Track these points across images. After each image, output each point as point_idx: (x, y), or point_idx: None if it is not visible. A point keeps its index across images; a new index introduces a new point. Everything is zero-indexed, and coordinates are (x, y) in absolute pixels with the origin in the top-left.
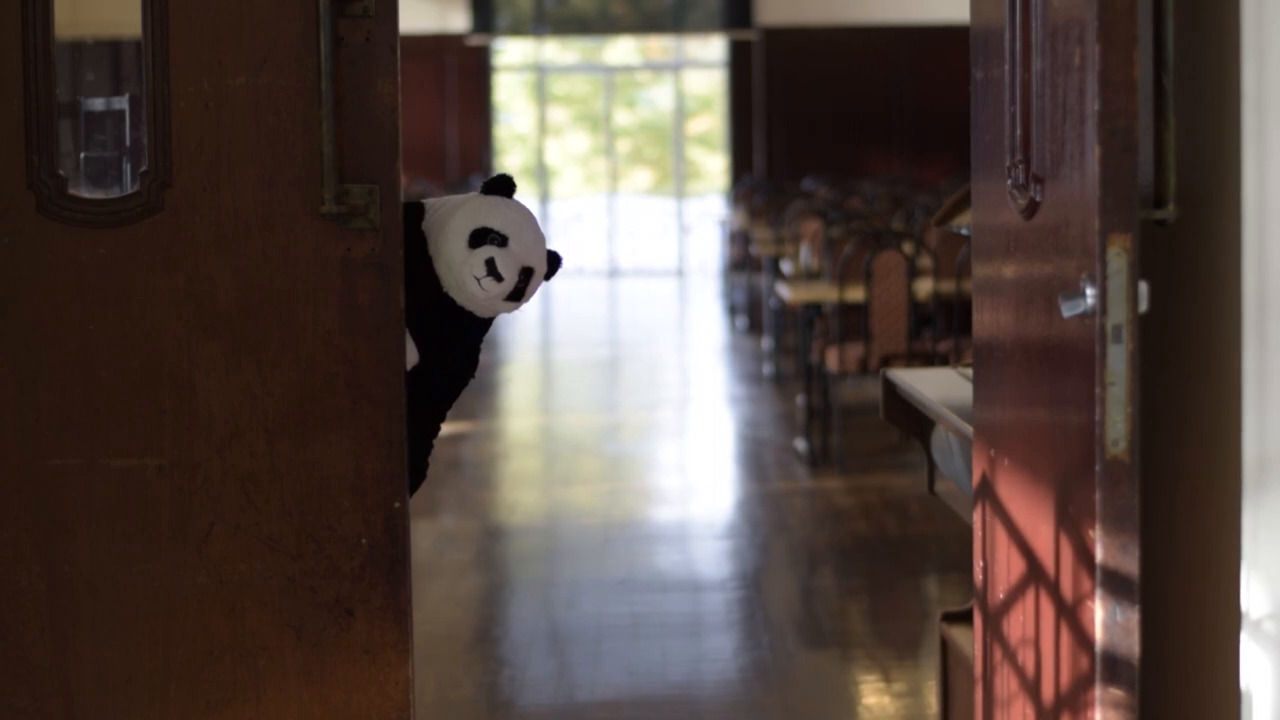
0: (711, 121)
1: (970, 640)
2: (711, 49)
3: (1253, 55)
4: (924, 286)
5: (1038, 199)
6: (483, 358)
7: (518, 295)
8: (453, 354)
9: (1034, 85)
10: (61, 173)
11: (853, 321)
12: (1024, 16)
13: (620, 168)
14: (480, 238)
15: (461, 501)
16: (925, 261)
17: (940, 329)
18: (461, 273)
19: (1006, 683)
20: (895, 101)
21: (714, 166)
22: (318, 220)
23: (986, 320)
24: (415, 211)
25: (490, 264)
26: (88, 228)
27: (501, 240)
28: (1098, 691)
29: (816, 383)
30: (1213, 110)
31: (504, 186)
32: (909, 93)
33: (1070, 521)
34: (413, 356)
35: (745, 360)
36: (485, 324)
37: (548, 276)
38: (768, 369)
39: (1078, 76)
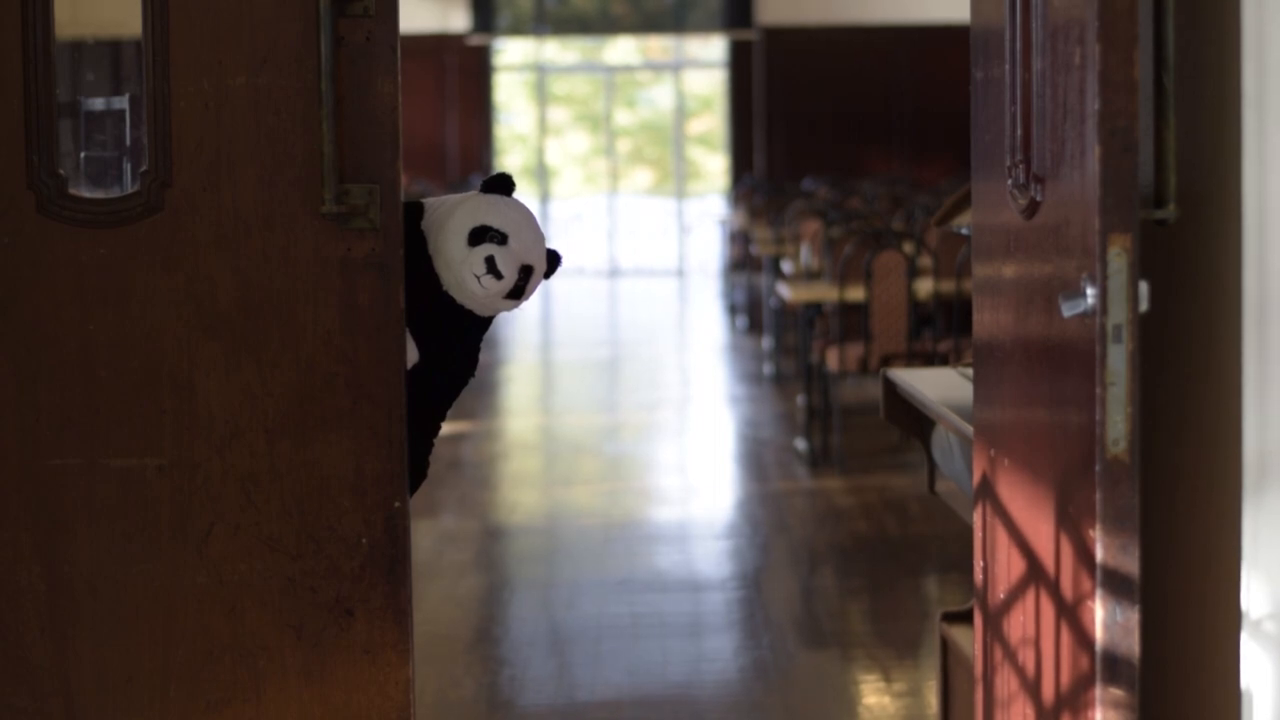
0: (712, 121)
1: (970, 640)
2: (712, 49)
3: (1253, 55)
4: (924, 286)
5: (1038, 199)
6: (483, 358)
7: (517, 293)
8: (453, 353)
9: (1034, 85)
10: (61, 173)
11: (853, 321)
12: (1024, 16)
13: (620, 167)
14: (480, 236)
15: (461, 501)
16: (925, 261)
17: (940, 329)
18: (461, 271)
19: (1007, 683)
20: (895, 101)
21: (714, 166)
22: (318, 220)
23: (986, 320)
24: (415, 211)
25: (490, 262)
26: (88, 228)
27: (501, 238)
28: (1098, 691)
29: (817, 382)
30: (1213, 110)
31: (503, 185)
32: (909, 93)
33: (1070, 521)
34: (413, 355)
35: (745, 360)
36: (485, 323)
37: (547, 275)
38: (768, 369)
39: (1078, 76)
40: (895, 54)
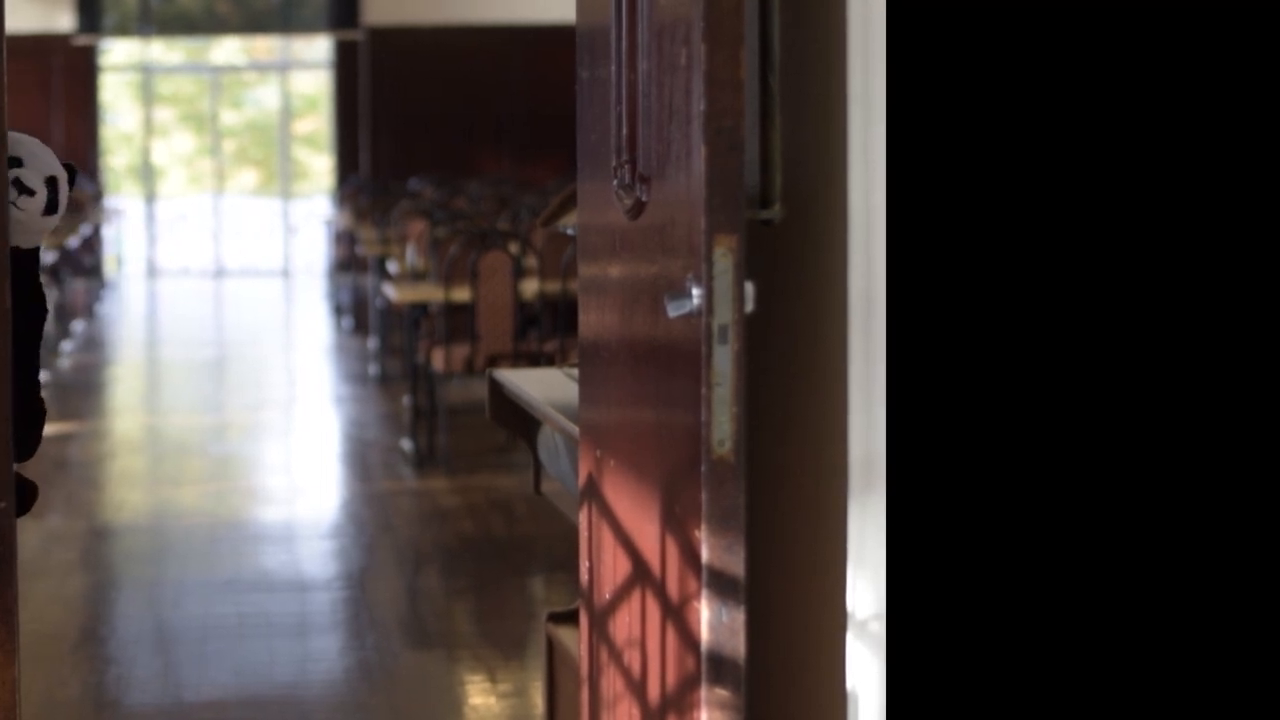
0: (317, 121)
1: (577, 640)
2: (317, 49)
3: (859, 52)
4: (530, 287)
5: (644, 199)
6: (87, 358)
7: (53, 208)
8: (19, 296)
9: (640, 85)
10: None
11: (459, 321)
12: (630, 15)
13: (226, 168)
14: None
15: (68, 501)
16: (531, 262)
17: (546, 329)
18: None
19: (613, 683)
20: (507, 102)
21: (320, 166)
22: None
23: (592, 320)
24: None
25: (18, 183)
26: None
27: (17, 162)
28: (704, 692)
29: (422, 383)
30: (819, 108)
31: None
32: (520, 93)
33: (676, 521)
34: None
35: (351, 360)
36: (33, 256)
37: (70, 185)
38: (374, 369)
39: (684, 76)
40: (508, 54)
